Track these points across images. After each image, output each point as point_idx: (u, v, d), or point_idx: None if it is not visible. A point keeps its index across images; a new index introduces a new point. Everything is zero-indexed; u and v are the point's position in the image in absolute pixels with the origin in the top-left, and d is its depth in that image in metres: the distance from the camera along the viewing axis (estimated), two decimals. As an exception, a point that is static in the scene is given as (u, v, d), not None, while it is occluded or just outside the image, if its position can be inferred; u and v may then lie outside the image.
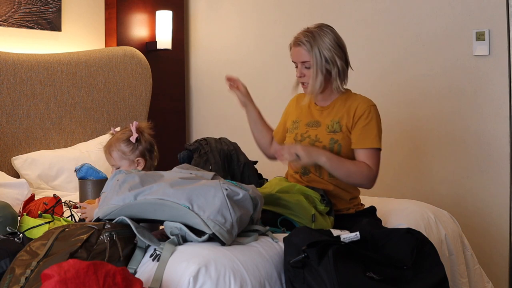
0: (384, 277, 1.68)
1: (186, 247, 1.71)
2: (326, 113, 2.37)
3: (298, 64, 2.33)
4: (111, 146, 2.21)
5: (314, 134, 2.34)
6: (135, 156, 2.19)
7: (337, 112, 2.34)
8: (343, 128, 2.30)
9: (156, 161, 2.30)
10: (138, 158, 2.19)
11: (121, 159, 2.19)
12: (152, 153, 2.26)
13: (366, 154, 2.28)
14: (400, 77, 3.45)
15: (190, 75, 4.42)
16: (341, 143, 2.29)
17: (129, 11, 3.97)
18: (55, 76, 3.44)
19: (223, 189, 1.77)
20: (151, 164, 2.23)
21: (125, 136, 2.21)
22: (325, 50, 2.27)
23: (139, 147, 2.20)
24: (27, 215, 2.37)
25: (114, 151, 2.20)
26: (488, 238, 3.17)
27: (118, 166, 2.21)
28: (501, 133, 3.13)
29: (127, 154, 2.19)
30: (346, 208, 2.35)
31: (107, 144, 2.25)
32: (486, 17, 3.14)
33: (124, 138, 2.20)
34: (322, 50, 2.27)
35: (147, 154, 2.22)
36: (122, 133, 2.24)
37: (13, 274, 1.59)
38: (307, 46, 2.28)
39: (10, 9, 3.44)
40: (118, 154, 2.19)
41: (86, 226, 1.72)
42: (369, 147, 2.28)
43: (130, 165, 2.19)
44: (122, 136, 2.22)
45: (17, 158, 3.25)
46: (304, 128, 2.38)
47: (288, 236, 1.81)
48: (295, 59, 2.34)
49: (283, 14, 3.91)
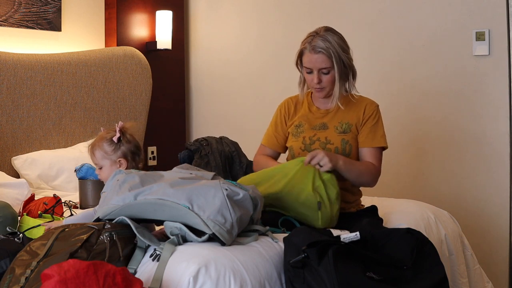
0: (384, 277, 1.68)
1: (186, 247, 1.71)
2: (332, 115, 2.39)
3: (315, 70, 2.30)
4: (95, 146, 2.21)
5: (324, 136, 2.35)
6: (117, 157, 2.18)
7: (344, 113, 2.37)
8: (353, 128, 2.35)
9: (141, 164, 2.28)
10: (120, 158, 2.18)
11: (103, 158, 2.19)
12: (136, 156, 2.24)
13: (373, 152, 2.34)
14: (400, 77, 3.45)
15: (190, 75, 4.42)
16: (351, 143, 2.34)
17: (129, 11, 3.97)
18: (55, 76, 3.44)
19: (223, 189, 1.77)
20: (133, 167, 2.21)
21: (109, 136, 2.20)
22: (342, 55, 2.29)
23: (122, 147, 2.19)
24: (27, 215, 2.37)
25: (96, 150, 2.20)
26: (488, 238, 3.17)
27: (100, 165, 2.21)
28: (501, 133, 3.13)
29: (109, 154, 2.18)
30: (348, 207, 2.36)
31: (92, 143, 2.25)
32: (486, 17, 3.14)
33: (108, 138, 2.20)
34: (340, 55, 2.28)
35: (129, 155, 2.21)
36: (107, 133, 2.23)
37: (13, 274, 1.59)
38: (327, 52, 2.27)
39: (10, 9, 3.44)
40: (100, 154, 2.19)
41: (86, 226, 1.72)
42: (377, 146, 2.35)
43: (111, 165, 2.18)
44: (106, 136, 2.22)
45: (17, 158, 3.25)
46: (310, 131, 2.38)
47: (288, 236, 1.81)
48: (313, 65, 2.30)
49: (283, 14, 3.91)
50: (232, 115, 4.13)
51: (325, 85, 2.32)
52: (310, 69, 2.32)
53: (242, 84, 4.14)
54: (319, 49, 2.27)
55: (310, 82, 2.34)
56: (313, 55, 2.28)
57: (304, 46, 2.32)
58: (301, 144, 2.37)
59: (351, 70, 2.35)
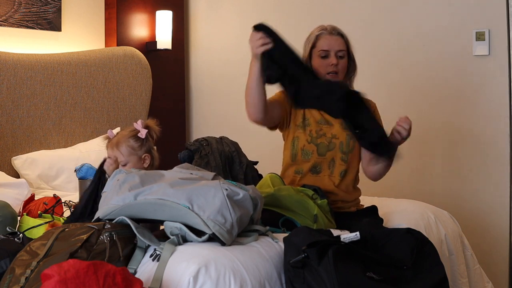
0: (384, 277, 1.68)
1: (186, 247, 1.71)
2: None
3: (331, 52, 2.34)
4: (120, 142, 2.22)
5: (330, 131, 2.37)
6: (143, 152, 2.22)
7: None
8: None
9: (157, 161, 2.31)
10: (145, 154, 2.22)
11: (130, 154, 2.21)
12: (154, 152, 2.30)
13: None
14: (400, 77, 3.45)
15: (190, 75, 4.42)
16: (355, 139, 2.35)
17: (129, 11, 3.97)
18: (55, 76, 3.44)
19: (223, 189, 1.77)
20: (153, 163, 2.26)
21: (133, 133, 2.23)
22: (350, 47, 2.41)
23: (147, 143, 2.23)
24: (27, 215, 2.37)
25: (123, 147, 2.21)
26: (488, 238, 3.17)
27: (126, 162, 2.22)
28: (501, 133, 3.13)
29: (136, 150, 2.21)
30: (347, 206, 2.36)
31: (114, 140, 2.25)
32: (486, 17, 3.14)
33: (132, 135, 2.23)
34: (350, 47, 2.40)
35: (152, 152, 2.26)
36: (129, 131, 2.26)
37: (13, 274, 1.59)
38: (344, 37, 2.38)
39: (10, 9, 3.44)
40: (128, 150, 2.21)
41: (86, 226, 1.72)
42: None
43: (138, 161, 2.21)
44: (129, 133, 2.24)
45: (17, 158, 3.25)
46: (316, 125, 2.39)
47: (288, 236, 1.81)
48: (331, 47, 2.34)
49: (283, 14, 3.91)
50: (232, 115, 4.12)
51: (340, 70, 2.35)
52: (327, 52, 2.34)
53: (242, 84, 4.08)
54: (338, 31, 2.37)
55: (326, 66, 2.34)
56: (332, 36, 2.36)
57: (320, 32, 2.37)
58: (308, 137, 2.38)
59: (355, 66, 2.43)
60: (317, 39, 2.36)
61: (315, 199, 2.18)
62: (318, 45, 2.36)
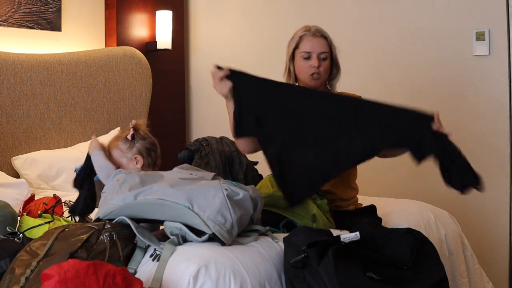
0: (384, 277, 1.68)
1: (186, 247, 1.71)
2: None
3: (314, 54, 2.30)
4: (111, 146, 2.24)
5: None
6: (133, 154, 2.21)
7: None
8: None
9: (159, 160, 2.30)
10: (136, 155, 2.20)
11: (120, 157, 2.21)
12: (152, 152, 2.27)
13: None
14: (400, 77, 3.45)
15: (190, 75, 4.42)
16: None
17: (129, 11, 3.97)
18: (55, 76, 3.44)
19: (223, 189, 1.77)
20: (149, 162, 2.23)
21: (124, 135, 2.23)
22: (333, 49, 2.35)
23: (136, 144, 2.22)
24: (27, 215, 2.37)
25: (113, 150, 2.22)
26: (488, 238, 3.17)
27: (118, 164, 2.22)
28: (501, 133, 3.13)
29: (125, 152, 2.21)
30: (345, 205, 2.36)
31: (108, 144, 2.27)
32: (486, 17, 3.14)
33: (122, 137, 2.23)
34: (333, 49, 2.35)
35: (145, 152, 2.23)
36: (122, 132, 2.26)
37: (13, 274, 1.59)
38: (327, 38, 2.34)
39: (10, 9, 3.44)
40: (117, 152, 2.21)
41: (86, 226, 1.72)
42: None
43: (128, 163, 2.20)
44: (121, 135, 2.24)
45: (17, 158, 3.25)
46: None
47: (288, 236, 1.81)
48: (313, 49, 2.31)
49: (283, 15, 3.91)
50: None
51: (322, 72, 2.32)
52: (309, 54, 2.31)
53: (242, 84, 4.13)
54: (322, 33, 2.33)
55: (308, 68, 2.31)
56: (315, 38, 2.32)
57: (303, 33, 2.34)
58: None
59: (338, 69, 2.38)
60: (300, 40, 2.34)
61: (314, 199, 2.18)
62: (301, 47, 2.33)
